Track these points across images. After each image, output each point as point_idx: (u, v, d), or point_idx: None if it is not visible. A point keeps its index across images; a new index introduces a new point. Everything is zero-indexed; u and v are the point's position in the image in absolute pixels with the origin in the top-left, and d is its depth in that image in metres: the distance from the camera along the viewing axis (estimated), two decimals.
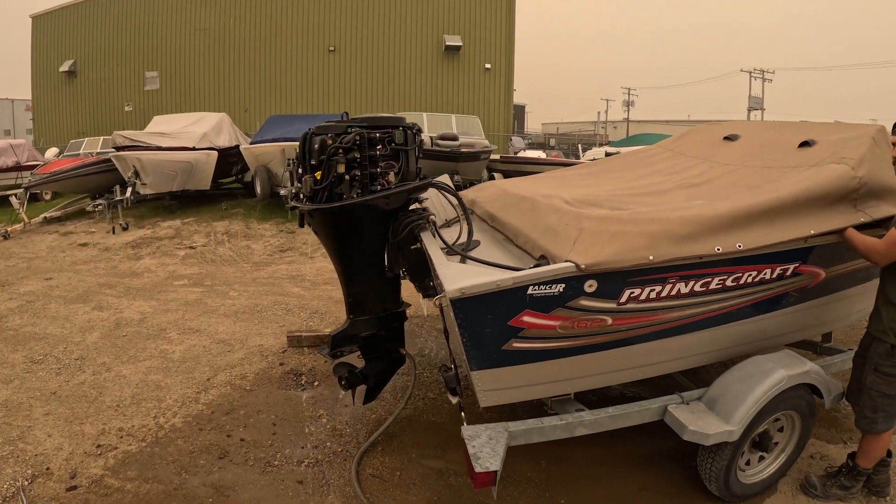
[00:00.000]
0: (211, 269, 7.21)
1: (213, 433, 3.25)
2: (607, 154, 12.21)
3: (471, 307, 2.03)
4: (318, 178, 2.67)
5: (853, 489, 2.69)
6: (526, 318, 2.12)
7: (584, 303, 2.18)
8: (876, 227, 2.68)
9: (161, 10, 21.38)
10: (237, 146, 11.03)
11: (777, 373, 2.48)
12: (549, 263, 2.24)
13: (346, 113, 2.98)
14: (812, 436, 2.88)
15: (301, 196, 2.81)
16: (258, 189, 9.77)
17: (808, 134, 3.22)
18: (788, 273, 2.63)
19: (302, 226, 2.86)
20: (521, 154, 16.56)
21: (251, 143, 9.79)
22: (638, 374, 2.66)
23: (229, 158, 10.81)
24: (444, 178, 3.46)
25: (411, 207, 2.88)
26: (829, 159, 2.74)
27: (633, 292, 2.26)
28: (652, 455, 3.07)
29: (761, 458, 2.74)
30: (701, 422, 2.41)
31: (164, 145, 9.52)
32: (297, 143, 9.45)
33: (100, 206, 9.11)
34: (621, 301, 2.26)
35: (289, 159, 9.97)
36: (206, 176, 9.98)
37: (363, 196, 2.65)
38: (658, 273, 2.27)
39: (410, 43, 22.37)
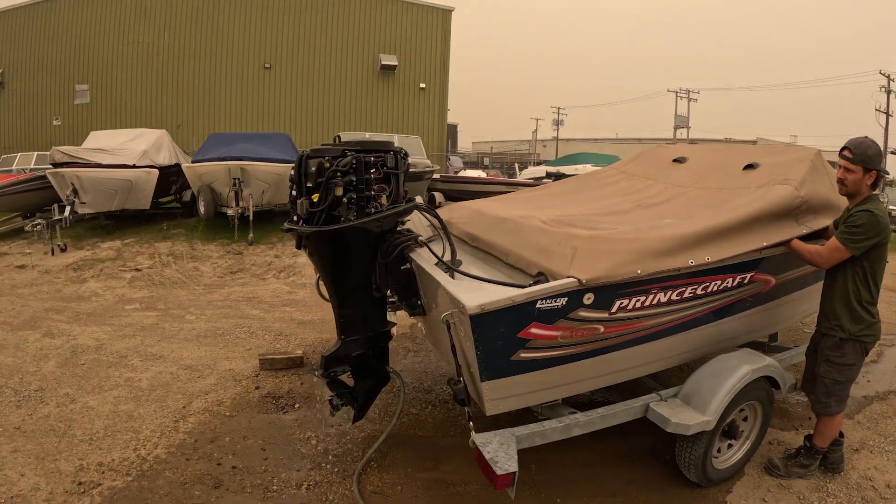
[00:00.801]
0: (161, 292, 6.93)
1: (202, 462, 3.18)
2: (548, 174, 12.71)
3: (487, 321, 2.18)
4: (316, 200, 2.73)
5: (811, 467, 3.07)
6: (533, 330, 2.30)
7: (583, 314, 2.39)
8: (813, 237, 3.10)
9: (94, 21, 20.25)
10: (177, 164, 10.66)
11: (742, 368, 2.81)
12: (547, 280, 2.44)
13: (339, 136, 3.07)
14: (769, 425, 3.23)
15: (295, 218, 2.85)
16: (201, 209, 9.48)
17: (750, 157, 3.64)
18: (746, 281, 2.99)
19: (299, 248, 2.90)
20: (461, 173, 16.91)
21: (193, 162, 9.50)
22: (622, 377, 2.90)
23: (169, 177, 10.42)
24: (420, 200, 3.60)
25: (398, 229, 3.01)
26: (774, 180, 3.13)
27: (622, 303, 2.50)
28: (630, 453, 3.34)
29: (730, 446, 3.06)
30: (681, 415, 2.69)
31: (104, 162, 9.06)
32: (243, 162, 9.26)
33: (38, 226, 8.55)
34: (612, 311, 2.49)
35: (234, 179, 9.73)
36: (146, 195, 9.56)
37: (360, 218, 2.74)
38: (642, 285, 2.53)
39: (346, 61, 22.41)
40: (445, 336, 2.69)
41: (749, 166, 3.52)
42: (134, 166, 9.36)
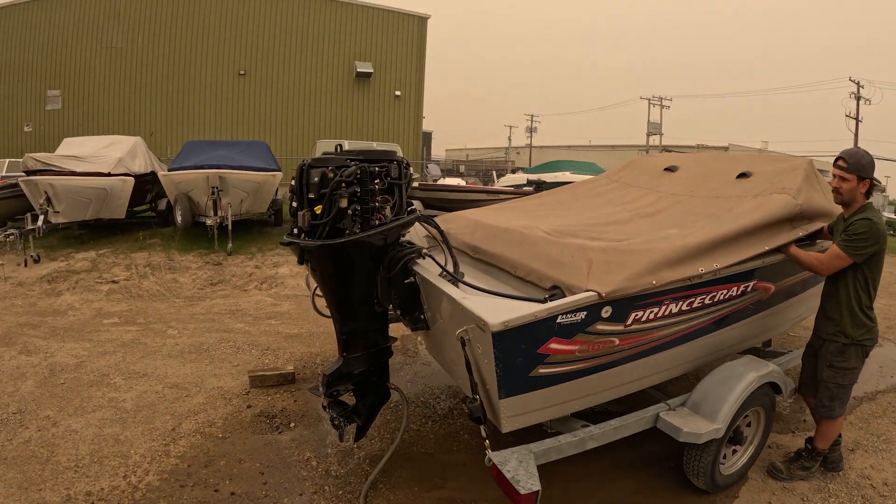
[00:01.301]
0: (140, 305, 6.69)
1: (199, 489, 3.04)
2: (529, 181, 12.73)
3: (509, 338, 2.13)
4: (318, 212, 2.64)
5: (813, 469, 3.13)
6: (553, 345, 2.26)
7: (600, 327, 2.37)
8: (807, 240, 3.17)
9: (66, 25, 19.56)
10: (153, 172, 10.35)
11: (749, 375, 2.85)
12: (563, 293, 2.41)
13: (341, 145, 2.98)
14: None
15: (296, 231, 2.75)
16: (178, 218, 9.21)
17: (741, 165, 3.70)
18: (748, 289, 3.02)
19: (301, 262, 2.81)
20: (440, 181, 16.86)
21: (170, 170, 9.22)
22: (632, 389, 2.89)
23: (144, 185, 10.11)
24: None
25: (400, 241, 2.93)
26: (771, 189, 3.18)
27: (637, 315, 2.49)
28: (633, 462, 3.33)
29: (734, 452, 3.08)
30: (692, 424, 2.70)
31: (78, 170, 8.73)
32: (222, 171, 9.01)
33: (11, 236, 8.19)
34: (627, 323, 2.48)
35: (212, 187, 9.52)
36: (121, 204, 9.24)
37: (365, 231, 2.66)
38: (656, 297, 2.53)
39: (322, 68, 22.22)
40: (452, 350, 2.64)
41: (742, 175, 3.57)
42: (109, 174, 9.05)
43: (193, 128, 20.25)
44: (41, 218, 8.31)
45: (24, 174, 8.65)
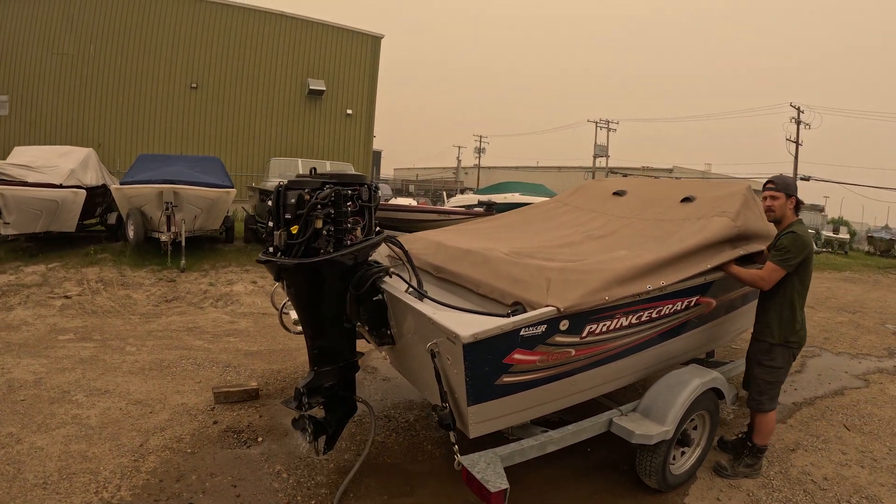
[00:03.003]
0: (95, 321, 6.52)
1: (173, 503, 3.07)
2: (480, 202, 13.03)
3: (478, 349, 2.32)
4: (294, 232, 2.76)
5: (756, 466, 3.47)
6: (517, 356, 2.47)
7: (558, 339, 2.60)
8: (748, 260, 3.51)
9: (17, 28, 18.67)
10: (104, 185, 10.07)
11: (694, 381, 3.13)
12: (524, 309, 2.62)
13: (315, 168, 3.11)
14: None
15: (272, 250, 2.86)
16: (131, 233, 8.98)
17: (685, 190, 4.04)
18: (692, 304, 3.32)
19: (278, 280, 2.92)
20: (392, 201, 16.98)
21: (122, 183, 9.00)
22: (587, 396, 3.12)
23: (95, 198, 9.80)
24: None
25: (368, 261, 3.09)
26: (712, 213, 3.51)
27: (591, 327, 2.73)
28: (590, 467, 3.57)
29: (683, 453, 3.36)
30: (643, 427, 2.96)
31: (29, 180, 8.40)
32: (176, 186, 8.96)
33: None
34: (583, 335, 2.72)
35: (166, 203, 9.37)
36: (72, 216, 8.93)
37: (338, 250, 2.79)
38: (608, 311, 2.78)
39: (274, 84, 22.10)
40: (420, 363, 2.81)
41: (686, 199, 3.91)
42: (61, 186, 8.76)
43: (143, 140, 19.72)
44: None
45: None
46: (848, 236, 26.31)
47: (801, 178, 26.98)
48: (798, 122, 30.41)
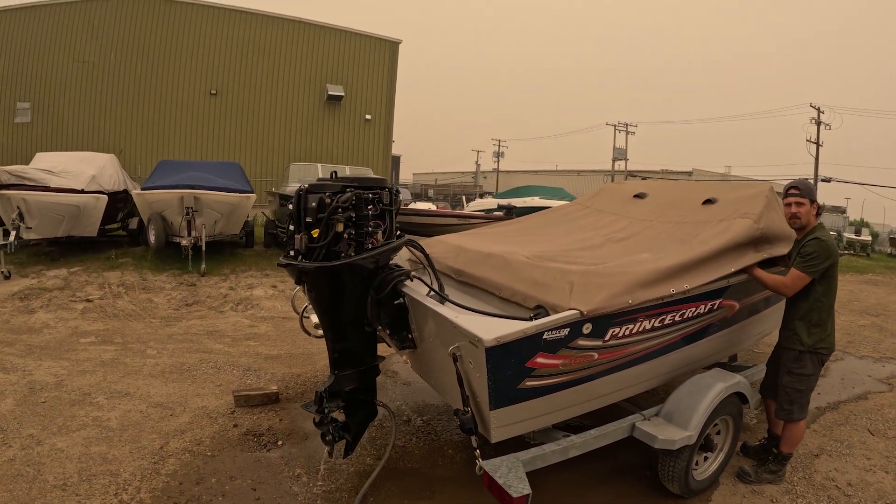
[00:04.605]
0: (117, 324, 6.62)
1: None
2: (499, 206, 13.01)
3: (500, 353, 2.30)
4: (315, 235, 2.77)
5: (780, 472, 3.40)
6: (539, 360, 2.44)
7: (581, 342, 2.57)
8: (770, 263, 3.44)
9: (39, 36, 19.08)
10: (125, 191, 10.24)
11: (717, 385, 3.08)
12: (546, 312, 2.60)
13: (336, 172, 3.12)
14: None
15: (293, 253, 2.86)
16: (152, 238, 9.11)
17: (706, 192, 3.98)
18: (715, 307, 3.27)
19: (298, 283, 2.92)
20: (411, 206, 16.98)
21: (143, 189, 9.16)
22: (610, 400, 3.08)
23: (116, 203, 9.98)
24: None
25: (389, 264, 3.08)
26: (734, 215, 3.45)
27: (614, 331, 2.70)
28: (612, 472, 3.52)
29: (706, 458, 3.30)
30: (666, 432, 2.91)
31: (52, 185, 8.56)
32: (197, 191, 9.05)
33: None
34: (606, 339, 2.68)
35: (187, 207, 9.48)
36: (93, 221, 9.11)
37: (359, 254, 2.79)
38: (631, 314, 2.74)
39: (293, 90, 22.26)
40: (442, 367, 2.79)
41: (708, 201, 3.85)
42: (82, 191, 8.92)
43: (164, 146, 20.00)
44: (13, 233, 8.13)
45: None
46: (870, 238, 25.84)
47: (822, 180, 26.54)
48: (818, 123, 29.89)
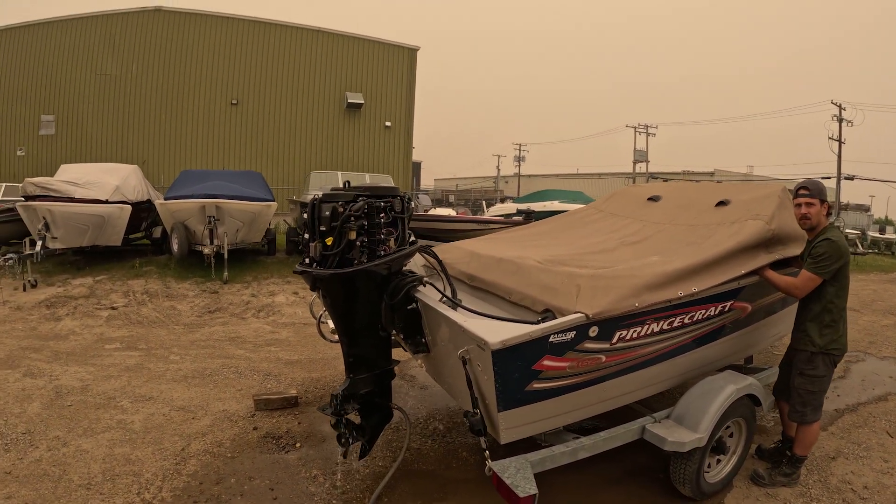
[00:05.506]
0: (140, 331, 6.81)
1: None
2: (518, 211, 12.98)
3: (507, 356, 2.35)
4: (329, 243, 2.85)
5: (794, 475, 3.37)
6: (546, 362, 2.48)
7: (588, 345, 2.60)
8: (782, 264, 3.43)
9: (61, 50, 19.85)
10: (148, 200, 10.52)
11: (728, 388, 3.08)
12: (554, 316, 2.64)
13: (349, 182, 3.20)
14: None
15: (308, 261, 2.95)
16: (175, 247, 9.35)
17: (720, 194, 3.98)
18: (726, 309, 3.27)
19: (314, 290, 3.01)
20: (431, 212, 16.97)
21: (166, 198, 9.41)
22: (619, 403, 3.10)
23: (140, 213, 10.26)
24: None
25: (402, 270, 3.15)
26: (746, 216, 3.45)
27: (621, 334, 2.73)
28: (624, 474, 3.53)
29: (718, 461, 3.30)
30: (676, 434, 2.92)
31: (76, 196, 8.85)
32: (219, 200, 9.27)
33: (10, 261, 8.23)
34: (613, 342, 2.71)
35: (209, 217, 9.69)
36: (118, 231, 9.38)
37: (371, 261, 2.86)
38: (639, 317, 2.77)
39: (313, 99, 22.61)
40: (453, 371, 2.85)
41: (721, 203, 3.85)
42: (106, 202, 9.20)
43: (186, 156, 20.49)
44: (39, 243, 8.40)
45: (21, 199, 8.76)
46: (895, 236, 25.15)
47: (846, 178, 25.97)
48: (840, 120, 29.29)
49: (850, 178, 25.79)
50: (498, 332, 2.37)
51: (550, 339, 2.45)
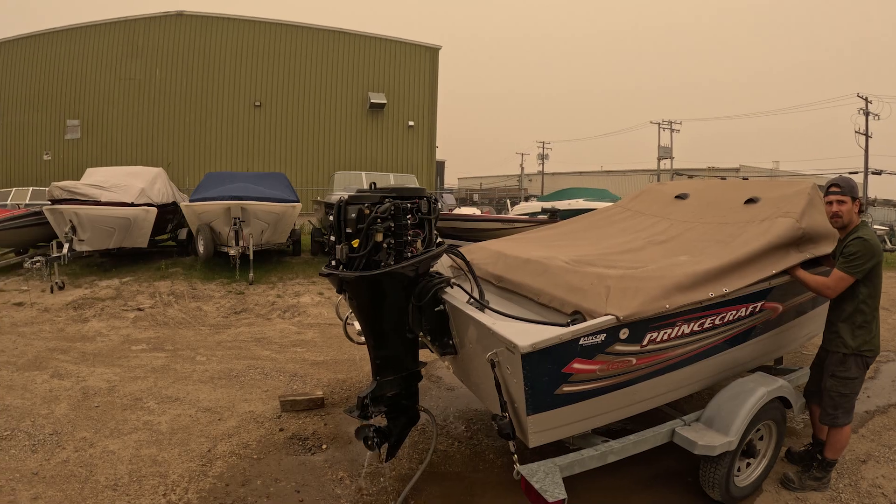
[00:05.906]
0: (167, 332, 6.93)
1: None
2: (543, 209, 12.88)
3: (536, 359, 2.33)
4: (356, 245, 2.84)
5: (824, 479, 3.29)
6: (576, 365, 2.45)
7: (618, 348, 2.56)
8: (813, 263, 3.35)
9: (86, 56, 20.38)
10: (174, 202, 10.68)
11: (759, 390, 3.01)
12: (584, 318, 2.61)
13: (374, 183, 3.19)
14: None
15: (334, 263, 2.95)
16: (200, 248, 9.48)
17: (748, 191, 3.89)
18: (757, 310, 3.20)
19: (340, 292, 3.01)
20: (455, 211, 16.91)
21: (191, 201, 9.55)
22: (649, 405, 3.05)
23: (165, 215, 10.44)
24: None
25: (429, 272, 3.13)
26: (776, 214, 3.37)
27: (652, 336, 2.68)
28: (651, 478, 3.48)
29: (748, 465, 3.23)
30: (706, 438, 2.87)
31: (102, 199, 9.03)
32: (244, 202, 9.34)
33: (38, 263, 8.40)
34: (643, 344, 2.67)
35: (234, 218, 9.77)
36: (144, 233, 9.56)
37: (399, 263, 2.85)
38: (669, 318, 2.72)
39: (335, 100, 22.76)
40: (481, 373, 2.83)
41: (750, 200, 3.77)
42: (132, 204, 9.37)
43: (210, 158, 20.80)
44: (66, 246, 8.58)
45: (48, 202, 8.94)
46: None
47: (873, 172, 25.27)
48: (867, 114, 28.53)
49: (878, 172, 25.10)
50: (527, 334, 2.34)
51: (581, 342, 2.42)
